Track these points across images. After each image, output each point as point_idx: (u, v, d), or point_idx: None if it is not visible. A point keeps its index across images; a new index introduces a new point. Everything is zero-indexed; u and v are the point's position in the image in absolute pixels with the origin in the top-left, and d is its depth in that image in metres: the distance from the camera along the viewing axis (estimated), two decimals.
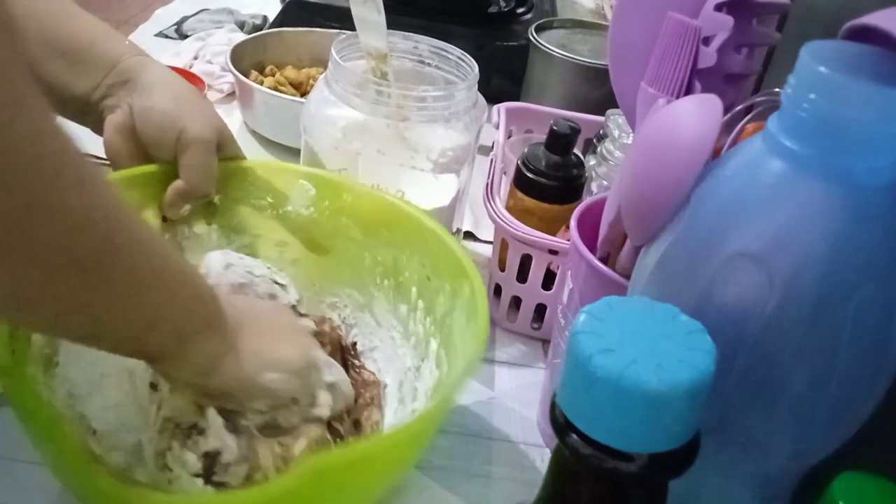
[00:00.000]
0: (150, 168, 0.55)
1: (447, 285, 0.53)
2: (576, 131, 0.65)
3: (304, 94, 0.89)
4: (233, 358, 0.42)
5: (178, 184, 0.55)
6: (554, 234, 0.63)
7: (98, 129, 0.56)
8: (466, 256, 0.52)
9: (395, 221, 0.57)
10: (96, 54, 0.56)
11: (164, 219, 0.57)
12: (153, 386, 0.45)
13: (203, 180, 0.55)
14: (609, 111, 0.68)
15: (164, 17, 1.15)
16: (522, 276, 0.64)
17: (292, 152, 0.83)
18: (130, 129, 0.55)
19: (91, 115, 0.56)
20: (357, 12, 0.59)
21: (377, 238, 0.57)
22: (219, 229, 0.59)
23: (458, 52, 0.64)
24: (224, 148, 0.57)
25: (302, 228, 0.59)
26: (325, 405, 0.46)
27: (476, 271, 0.51)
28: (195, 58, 1.00)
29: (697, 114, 0.36)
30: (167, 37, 1.10)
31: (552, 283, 0.63)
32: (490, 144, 0.74)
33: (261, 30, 1.06)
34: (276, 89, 0.87)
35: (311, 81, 0.92)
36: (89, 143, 0.53)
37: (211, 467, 0.43)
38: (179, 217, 0.56)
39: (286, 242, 0.60)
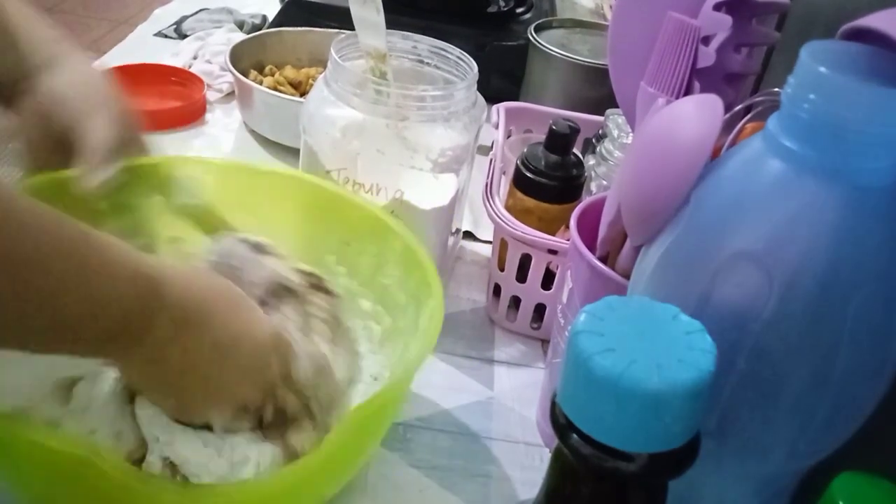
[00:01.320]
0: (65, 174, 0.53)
1: (370, 247, 0.55)
2: (575, 131, 0.65)
3: (303, 94, 0.89)
4: (181, 342, 0.39)
5: (79, 157, 0.51)
6: (553, 234, 0.63)
7: (7, 107, 0.55)
8: (387, 216, 0.54)
9: (306, 198, 0.58)
10: (19, 38, 0.54)
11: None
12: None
13: (102, 142, 0.51)
14: (608, 111, 0.68)
15: (163, 17, 1.15)
16: (522, 275, 0.64)
17: (291, 152, 0.83)
18: (40, 111, 0.53)
19: (14, 101, 0.54)
20: (356, 12, 0.59)
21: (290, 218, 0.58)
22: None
23: (457, 51, 0.64)
24: (129, 147, 0.54)
25: (198, 219, 0.58)
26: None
27: (401, 227, 0.53)
28: (194, 57, 1.00)
29: (698, 114, 0.36)
30: (166, 36, 1.10)
31: (552, 282, 0.63)
32: (489, 144, 0.74)
33: (260, 29, 1.06)
34: (275, 89, 0.87)
35: (310, 81, 0.92)
36: None
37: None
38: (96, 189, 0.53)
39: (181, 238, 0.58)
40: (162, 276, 0.38)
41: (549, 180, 0.65)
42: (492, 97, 0.75)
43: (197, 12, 1.16)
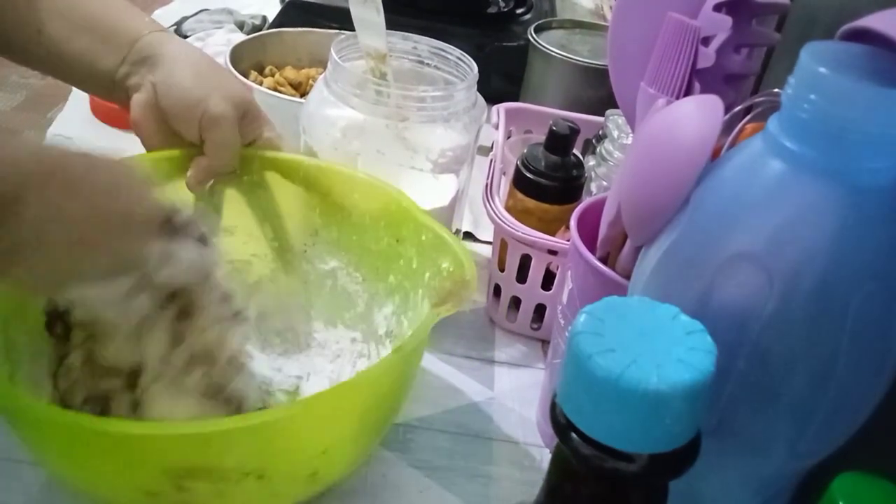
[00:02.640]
0: (173, 152, 0.56)
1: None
2: (575, 132, 0.65)
3: (303, 95, 0.89)
4: (28, 258, 0.37)
5: (202, 160, 0.55)
6: (553, 235, 0.63)
7: (126, 106, 0.57)
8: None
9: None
10: (118, 31, 0.56)
11: None
12: None
13: (226, 157, 0.56)
14: (608, 111, 0.68)
15: (163, 18, 1.15)
16: (522, 276, 0.64)
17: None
18: (155, 107, 0.55)
19: (118, 93, 0.57)
20: (356, 13, 0.59)
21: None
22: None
23: (457, 52, 0.64)
24: (248, 118, 0.57)
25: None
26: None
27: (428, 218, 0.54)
28: None
29: (698, 114, 0.36)
30: None
31: (552, 283, 0.63)
32: (489, 145, 0.74)
33: (260, 30, 1.06)
34: (275, 89, 0.87)
35: (310, 82, 0.92)
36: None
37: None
38: (203, 191, 0.57)
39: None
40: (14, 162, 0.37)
41: (549, 181, 0.65)
42: (492, 98, 0.75)
43: (197, 13, 1.16)
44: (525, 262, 0.63)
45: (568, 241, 0.54)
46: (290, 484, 0.44)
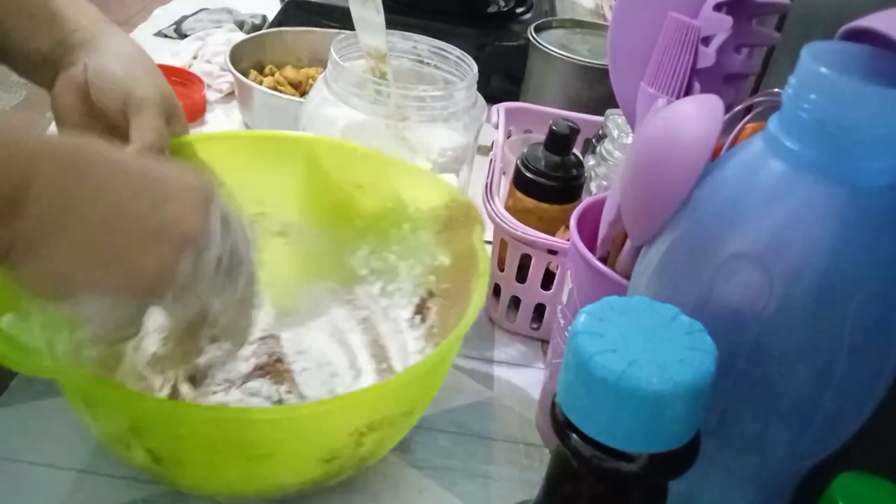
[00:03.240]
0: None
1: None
2: (575, 131, 0.65)
3: (303, 94, 0.89)
4: (32, 264, 0.33)
5: (130, 147, 0.53)
6: (553, 234, 0.63)
7: (51, 86, 0.57)
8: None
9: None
10: (64, 16, 0.56)
11: None
12: None
13: (150, 139, 0.54)
14: (608, 111, 0.68)
15: (162, 17, 1.15)
16: (522, 276, 0.64)
17: None
18: (82, 86, 0.55)
19: (46, 73, 0.57)
20: (356, 12, 0.59)
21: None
22: None
23: (457, 51, 0.64)
24: (172, 121, 0.57)
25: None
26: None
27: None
28: (194, 57, 1.00)
29: (698, 114, 0.36)
30: (166, 36, 1.10)
31: (551, 283, 0.63)
32: (489, 144, 0.74)
33: (260, 29, 1.06)
34: (275, 89, 0.87)
35: (310, 81, 0.92)
36: None
37: None
38: None
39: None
40: (36, 150, 0.33)
41: (549, 180, 0.65)
42: (492, 97, 0.75)
43: (197, 12, 1.16)
44: (525, 262, 0.63)
45: (568, 240, 0.54)
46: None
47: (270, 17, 1.10)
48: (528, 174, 0.65)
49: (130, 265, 0.35)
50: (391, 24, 0.59)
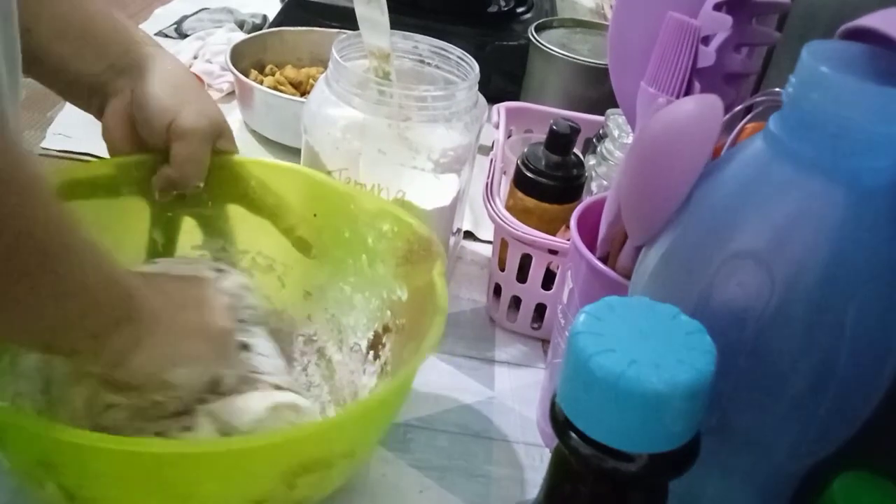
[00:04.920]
0: (143, 157, 0.56)
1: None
2: (575, 131, 0.65)
3: (303, 94, 0.89)
4: (142, 352, 0.42)
5: (166, 170, 0.55)
6: (554, 234, 0.63)
7: (101, 114, 0.56)
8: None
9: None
10: (108, 41, 0.56)
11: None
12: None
13: (192, 171, 0.55)
14: (609, 111, 0.68)
15: (163, 17, 1.15)
16: (522, 275, 0.64)
17: (292, 152, 0.83)
18: (128, 114, 0.55)
19: (96, 99, 0.56)
20: (361, 12, 0.59)
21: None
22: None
23: (458, 51, 0.64)
24: (223, 140, 0.57)
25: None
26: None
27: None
28: (195, 57, 1.00)
29: (698, 114, 0.36)
30: (167, 36, 1.09)
31: (552, 282, 0.63)
32: (490, 144, 0.74)
33: (260, 29, 1.06)
34: (275, 89, 0.87)
35: (310, 81, 0.92)
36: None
37: None
38: (167, 199, 0.57)
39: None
40: (134, 288, 0.42)
41: (550, 180, 0.65)
42: (492, 97, 0.75)
43: (197, 12, 1.16)
44: (525, 262, 0.63)
45: (568, 240, 0.54)
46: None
47: (271, 17, 1.10)
48: (529, 174, 0.65)
49: (205, 337, 0.46)
50: (392, 23, 0.59)
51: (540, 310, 0.65)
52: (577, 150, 0.67)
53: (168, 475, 0.39)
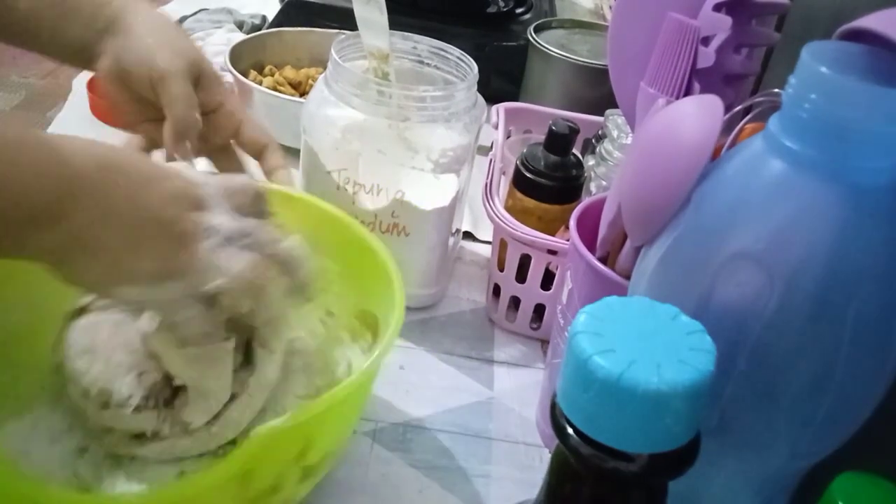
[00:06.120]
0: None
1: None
2: (575, 131, 0.65)
3: (303, 94, 0.89)
4: (86, 254, 0.38)
5: (166, 124, 0.55)
6: (553, 234, 0.63)
7: (96, 68, 0.57)
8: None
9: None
10: (82, 1, 0.56)
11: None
12: None
13: (181, 111, 0.55)
14: (608, 111, 0.68)
15: None
16: (521, 276, 0.64)
17: (292, 152, 0.83)
18: (118, 73, 0.56)
19: (88, 61, 0.57)
20: (359, 12, 0.59)
21: None
22: None
23: (457, 52, 0.64)
24: (203, 83, 0.57)
25: None
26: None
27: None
28: None
29: (698, 114, 0.36)
30: None
31: (551, 283, 0.63)
32: (489, 144, 0.74)
33: (260, 30, 1.06)
34: (274, 89, 0.87)
35: (310, 81, 0.92)
36: None
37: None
38: (187, 156, 0.57)
39: None
40: (73, 165, 0.38)
41: (549, 181, 0.65)
42: (491, 97, 0.75)
43: (196, 12, 1.16)
44: (525, 262, 0.63)
45: (567, 240, 0.54)
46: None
47: (270, 18, 1.10)
48: (528, 174, 0.65)
49: (155, 252, 0.40)
50: (391, 24, 0.59)
51: (539, 310, 0.65)
52: (576, 151, 0.67)
53: None
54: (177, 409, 0.45)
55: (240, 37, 0.99)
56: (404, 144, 0.60)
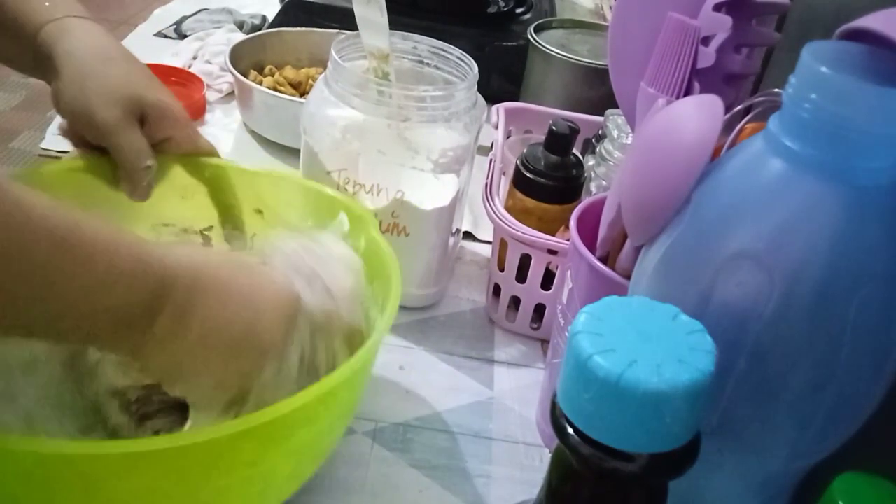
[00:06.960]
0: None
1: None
2: (575, 131, 0.65)
3: (303, 95, 0.89)
4: (163, 351, 0.39)
5: (119, 173, 0.53)
6: (553, 234, 0.63)
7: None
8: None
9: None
10: (17, 24, 0.53)
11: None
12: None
13: (133, 160, 0.52)
14: (608, 111, 0.68)
15: (162, 17, 1.15)
16: (522, 276, 0.64)
17: (292, 152, 0.83)
18: (65, 117, 0.53)
19: (45, 74, 0.54)
20: (360, 12, 0.59)
21: None
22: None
23: (457, 52, 0.64)
24: (150, 119, 0.54)
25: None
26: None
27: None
28: (194, 58, 1.00)
29: (698, 114, 0.36)
30: (166, 37, 1.10)
31: (551, 283, 0.63)
32: (489, 144, 0.74)
33: (260, 30, 1.06)
34: (275, 89, 0.87)
35: (310, 81, 0.92)
36: None
37: None
38: (148, 197, 0.54)
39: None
40: (166, 264, 0.38)
41: (549, 181, 0.65)
42: (491, 97, 0.75)
43: (197, 12, 1.16)
44: (525, 262, 0.63)
45: (568, 240, 0.54)
46: None
47: (270, 18, 1.10)
48: (528, 174, 0.65)
49: (224, 368, 0.41)
50: (391, 24, 0.59)
51: (539, 310, 0.65)
52: (576, 151, 0.67)
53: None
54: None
55: (240, 37, 0.99)
56: (404, 144, 0.60)
